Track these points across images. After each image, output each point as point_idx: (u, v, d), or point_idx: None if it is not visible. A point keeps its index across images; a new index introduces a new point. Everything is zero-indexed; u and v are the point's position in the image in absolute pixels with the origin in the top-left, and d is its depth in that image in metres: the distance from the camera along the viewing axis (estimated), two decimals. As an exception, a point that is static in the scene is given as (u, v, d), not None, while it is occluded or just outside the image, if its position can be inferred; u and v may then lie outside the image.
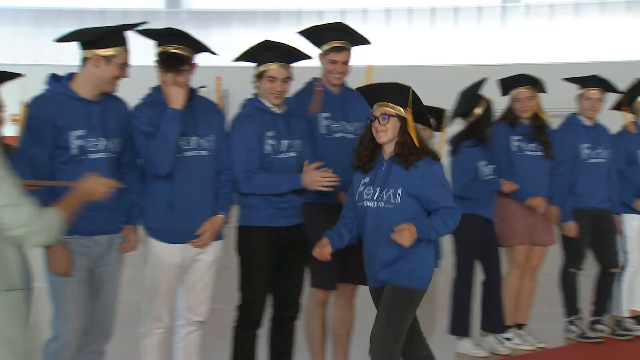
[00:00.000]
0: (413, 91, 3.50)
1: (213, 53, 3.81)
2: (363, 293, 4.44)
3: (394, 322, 3.46)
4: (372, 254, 3.55)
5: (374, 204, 3.50)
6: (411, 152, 3.47)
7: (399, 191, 3.46)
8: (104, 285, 3.54)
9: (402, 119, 3.49)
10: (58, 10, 15.69)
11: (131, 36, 3.54)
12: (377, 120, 3.51)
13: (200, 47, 3.70)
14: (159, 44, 3.63)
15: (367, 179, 3.56)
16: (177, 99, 3.53)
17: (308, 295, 4.21)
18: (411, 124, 3.49)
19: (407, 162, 3.46)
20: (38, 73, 4.49)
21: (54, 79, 3.48)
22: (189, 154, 3.65)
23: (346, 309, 4.33)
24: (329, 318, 4.35)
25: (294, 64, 3.90)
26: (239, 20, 16.05)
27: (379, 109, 3.53)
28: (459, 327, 4.98)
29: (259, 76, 3.84)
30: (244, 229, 3.85)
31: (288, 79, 3.84)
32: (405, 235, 3.37)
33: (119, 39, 3.48)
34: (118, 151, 3.55)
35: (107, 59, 3.42)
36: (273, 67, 3.80)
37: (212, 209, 3.71)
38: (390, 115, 3.48)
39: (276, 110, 3.87)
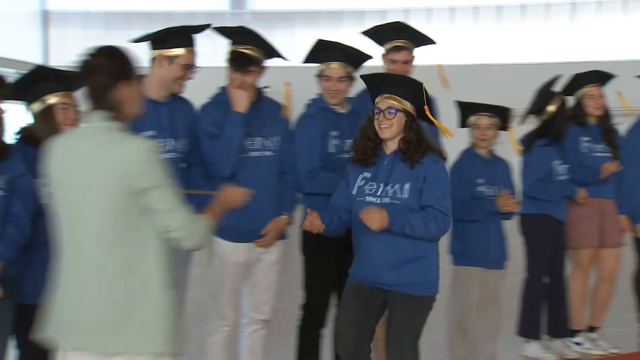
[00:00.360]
0: (425, 88, 3.35)
1: (283, 58, 3.82)
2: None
3: (411, 332, 3.36)
4: (375, 252, 3.34)
5: (377, 199, 3.32)
6: (416, 150, 3.31)
7: (406, 186, 3.29)
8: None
9: (408, 115, 3.33)
10: (127, 14, 16.04)
11: (200, 38, 3.58)
12: (382, 113, 3.33)
13: (272, 51, 3.72)
14: (232, 43, 3.68)
15: (367, 174, 3.37)
16: (241, 101, 3.55)
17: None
18: (432, 116, 3.34)
19: (412, 160, 3.30)
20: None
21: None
22: (253, 154, 3.68)
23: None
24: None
25: (357, 64, 3.89)
26: (301, 21, 16.10)
27: (384, 102, 3.34)
28: (529, 329, 4.87)
29: (319, 76, 3.86)
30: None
31: (345, 78, 3.83)
32: (373, 217, 3.18)
33: (183, 39, 3.52)
34: (186, 151, 3.60)
35: (170, 59, 3.48)
36: (328, 67, 3.84)
37: (277, 209, 3.73)
38: (397, 110, 3.31)
39: (340, 109, 3.86)
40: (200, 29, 3.65)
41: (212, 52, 4.20)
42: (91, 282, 2.40)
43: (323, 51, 3.91)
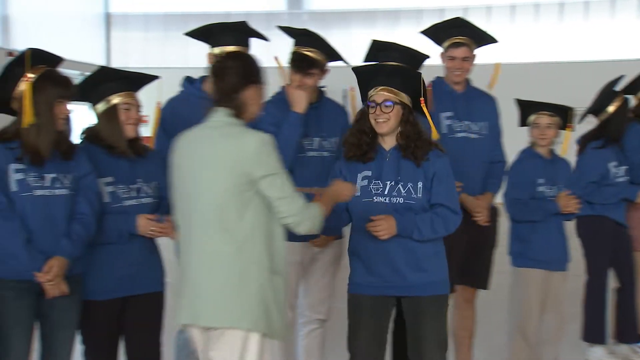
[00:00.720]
0: (422, 78, 3.21)
1: (345, 62, 3.81)
2: (483, 295, 4.36)
3: (444, 334, 3.25)
4: (393, 254, 3.16)
5: (387, 199, 3.15)
6: (417, 145, 3.15)
7: (419, 185, 3.14)
8: None
9: (405, 107, 3.17)
10: (185, 15, 16.27)
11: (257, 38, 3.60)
12: (378, 107, 3.16)
13: (333, 55, 3.73)
14: (295, 44, 3.72)
15: (368, 172, 3.19)
16: (300, 102, 3.56)
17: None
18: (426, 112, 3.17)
19: (417, 157, 3.14)
20: (167, 75, 4.62)
21: (188, 80, 3.62)
22: (310, 154, 3.68)
23: (467, 310, 4.25)
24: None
25: (415, 64, 3.87)
26: (358, 20, 16.08)
27: (380, 95, 3.16)
28: (593, 333, 4.76)
29: None
30: None
31: None
32: (382, 225, 3.05)
33: (229, 38, 3.55)
34: None
35: (217, 56, 3.51)
36: None
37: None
38: (394, 103, 3.14)
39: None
40: (237, 26, 3.63)
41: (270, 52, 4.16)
42: (207, 265, 2.67)
43: (380, 51, 3.89)
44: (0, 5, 13.43)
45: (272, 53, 3.91)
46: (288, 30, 3.79)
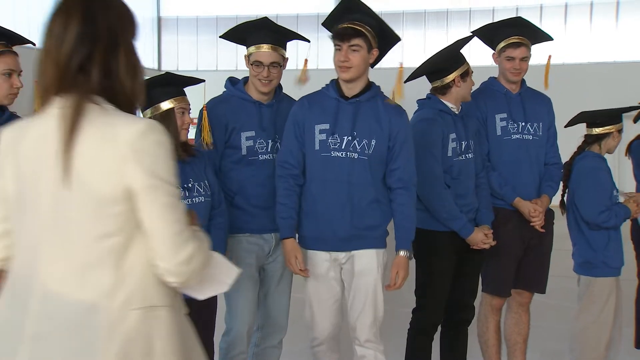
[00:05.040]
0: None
1: (397, 38, 3.44)
2: (537, 299, 4.27)
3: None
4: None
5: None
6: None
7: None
8: (275, 282, 3.58)
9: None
10: (235, 18, 16.41)
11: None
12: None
13: (383, 28, 3.34)
14: (337, 24, 3.34)
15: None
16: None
17: (480, 300, 4.09)
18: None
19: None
20: (217, 78, 4.67)
21: (231, 82, 3.61)
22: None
23: (522, 315, 4.17)
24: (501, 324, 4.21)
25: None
26: (408, 21, 16.01)
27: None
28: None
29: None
30: (425, 232, 3.74)
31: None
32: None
33: (250, 38, 3.49)
34: None
35: (248, 58, 3.49)
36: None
37: None
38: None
39: (456, 111, 3.78)
40: (257, 24, 3.53)
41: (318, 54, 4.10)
42: None
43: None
44: (55, 10, 13.72)
45: (320, 55, 3.85)
46: (331, 18, 3.43)
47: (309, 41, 3.85)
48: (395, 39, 3.42)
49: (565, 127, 4.03)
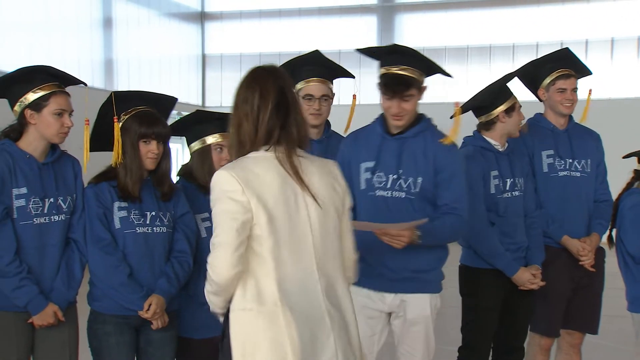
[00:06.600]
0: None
1: (446, 74, 3.35)
2: (590, 340, 4.15)
3: None
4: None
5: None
6: None
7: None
8: None
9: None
10: (278, 54, 16.60)
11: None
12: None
13: (431, 69, 3.26)
14: (382, 65, 3.25)
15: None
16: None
17: (528, 340, 3.99)
18: None
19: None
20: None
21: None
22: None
23: (572, 356, 4.06)
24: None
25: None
26: (451, 57, 15.98)
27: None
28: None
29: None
30: (470, 269, 3.72)
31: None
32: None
33: (298, 73, 3.54)
34: None
35: (297, 94, 3.52)
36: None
37: None
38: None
39: (499, 148, 3.73)
40: (310, 57, 3.59)
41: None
42: None
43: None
44: (105, 50, 14.07)
45: (362, 90, 3.83)
46: (370, 52, 3.41)
47: (353, 77, 3.86)
48: (447, 75, 3.37)
49: (624, 158, 3.96)
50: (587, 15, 15.14)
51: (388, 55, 3.22)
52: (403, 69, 3.14)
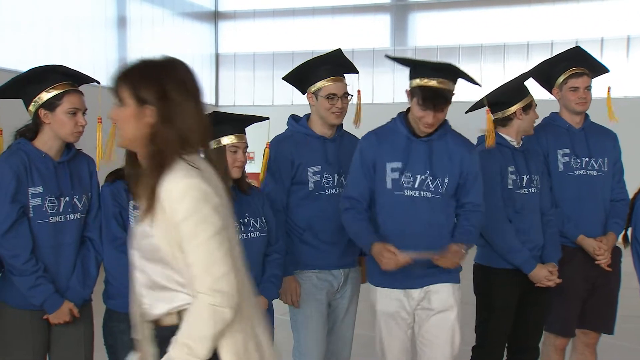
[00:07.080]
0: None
1: (477, 83, 3.33)
2: (606, 340, 4.13)
3: None
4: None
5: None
6: None
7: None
8: (340, 317, 3.60)
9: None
10: (291, 54, 16.62)
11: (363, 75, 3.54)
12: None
13: (464, 78, 3.29)
14: (416, 76, 3.23)
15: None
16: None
17: (543, 339, 3.97)
18: None
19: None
20: (273, 113, 4.69)
21: (294, 119, 3.65)
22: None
23: (587, 356, 4.03)
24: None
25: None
26: (464, 56, 15.95)
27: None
28: None
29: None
30: (485, 268, 3.71)
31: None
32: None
33: (318, 72, 3.54)
34: None
35: (315, 93, 3.52)
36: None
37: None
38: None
39: (515, 145, 3.73)
40: (331, 57, 3.60)
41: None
42: None
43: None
44: (119, 49, 14.15)
45: (375, 89, 3.83)
46: (404, 61, 3.45)
47: (357, 72, 3.84)
48: (476, 84, 3.36)
49: None
50: (602, 13, 15.06)
51: (426, 67, 3.25)
52: (441, 82, 3.17)
